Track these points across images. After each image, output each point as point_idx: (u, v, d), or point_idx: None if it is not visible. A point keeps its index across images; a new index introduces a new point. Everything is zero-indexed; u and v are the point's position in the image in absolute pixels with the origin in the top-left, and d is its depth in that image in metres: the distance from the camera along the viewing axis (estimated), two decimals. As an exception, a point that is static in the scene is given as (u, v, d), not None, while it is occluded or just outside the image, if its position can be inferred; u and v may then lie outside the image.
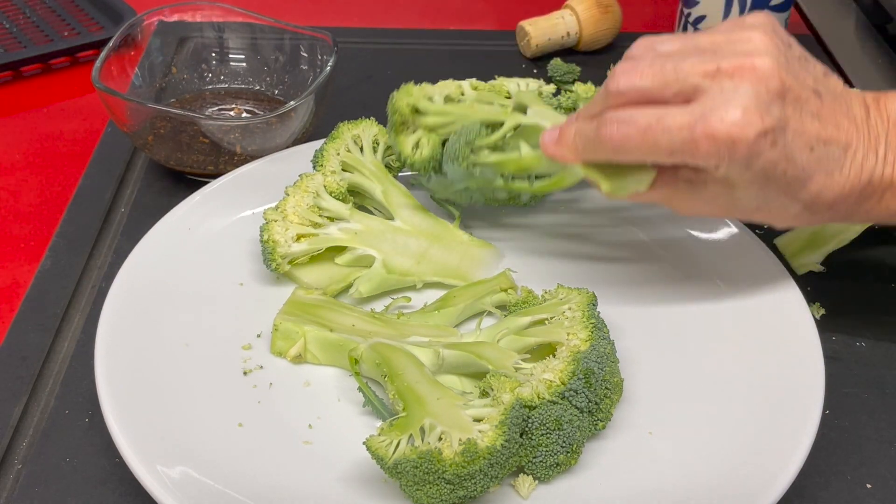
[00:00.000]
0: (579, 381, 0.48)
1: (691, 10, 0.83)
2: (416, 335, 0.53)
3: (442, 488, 0.44)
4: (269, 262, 0.57)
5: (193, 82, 0.77)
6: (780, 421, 0.49)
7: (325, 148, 0.62)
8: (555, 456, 0.46)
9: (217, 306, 0.57)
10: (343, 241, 0.59)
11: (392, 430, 0.45)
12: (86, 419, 0.53)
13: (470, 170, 0.56)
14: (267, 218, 0.58)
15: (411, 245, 0.60)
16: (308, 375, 0.54)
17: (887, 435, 0.54)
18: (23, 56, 0.83)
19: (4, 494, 0.49)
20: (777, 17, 0.80)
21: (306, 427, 0.51)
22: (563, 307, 0.52)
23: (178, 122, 0.67)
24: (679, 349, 0.55)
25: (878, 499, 0.51)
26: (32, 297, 0.60)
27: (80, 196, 0.69)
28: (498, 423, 0.45)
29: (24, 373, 0.55)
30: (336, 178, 0.60)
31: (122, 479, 0.49)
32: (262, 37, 0.77)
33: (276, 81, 0.77)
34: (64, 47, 0.84)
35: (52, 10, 0.90)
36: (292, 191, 0.59)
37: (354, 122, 0.63)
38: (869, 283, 0.64)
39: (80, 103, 0.81)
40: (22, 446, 0.51)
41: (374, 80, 0.84)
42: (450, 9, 0.98)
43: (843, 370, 0.58)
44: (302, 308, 0.55)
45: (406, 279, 0.59)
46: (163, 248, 0.58)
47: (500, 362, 0.50)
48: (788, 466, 0.46)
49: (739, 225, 0.62)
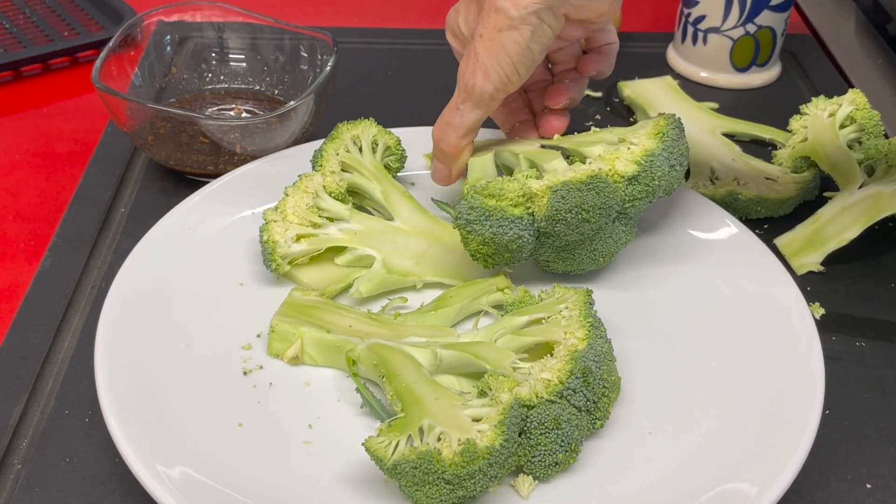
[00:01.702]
0: (577, 380, 0.48)
1: (691, 10, 0.83)
2: (413, 335, 0.53)
3: (441, 488, 0.44)
4: (269, 262, 0.57)
5: (193, 82, 0.77)
6: (780, 421, 0.49)
7: (325, 148, 0.62)
8: (553, 455, 0.46)
9: (217, 306, 0.57)
10: (343, 242, 0.59)
11: (391, 431, 0.46)
12: (86, 419, 0.53)
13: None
14: (266, 218, 0.58)
15: (411, 245, 0.60)
16: (308, 376, 0.54)
17: (887, 435, 0.54)
18: (21, 56, 0.83)
19: (4, 494, 0.49)
20: (777, 17, 0.80)
21: (306, 427, 0.51)
22: (560, 306, 0.52)
23: (178, 122, 0.67)
24: (678, 349, 0.55)
25: (878, 499, 0.51)
26: (32, 297, 0.60)
27: (80, 196, 0.69)
28: (497, 422, 0.45)
29: (24, 373, 0.55)
30: (335, 179, 0.60)
31: (122, 479, 0.49)
32: (262, 37, 0.77)
33: (276, 81, 0.77)
34: (64, 47, 0.84)
35: (51, 10, 0.90)
36: (292, 191, 0.59)
37: (354, 123, 0.63)
38: (869, 283, 0.64)
39: (80, 103, 0.81)
40: (22, 446, 0.51)
41: (374, 80, 0.84)
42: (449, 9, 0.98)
43: (843, 370, 0.58)
44: (298, 309, 0.55)
45: (406, 279, 0.59)
46: (163, 248, 0.58)
47: (498, 362, 0.50)
48: (788, 466, 0.46)
49: (739, 225, 0.62)
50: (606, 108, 0.81)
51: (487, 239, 0.54)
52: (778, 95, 0.84)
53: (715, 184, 0.69)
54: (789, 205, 0.68)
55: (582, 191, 0.53)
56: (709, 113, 0.77)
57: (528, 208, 0.54)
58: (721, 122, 0.76)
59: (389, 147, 0.64)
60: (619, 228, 0.58)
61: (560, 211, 0.53)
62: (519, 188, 0.54)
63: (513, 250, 0.55)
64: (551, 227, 0.54)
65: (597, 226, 0.55)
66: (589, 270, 0.59)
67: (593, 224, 0.54)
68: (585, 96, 0.82)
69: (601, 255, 0.58)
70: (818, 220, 0.64)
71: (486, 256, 0.56)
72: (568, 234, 0.55)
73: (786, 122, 0.71)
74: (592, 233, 0.56)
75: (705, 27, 0.82)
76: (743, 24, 0.80)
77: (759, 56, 0.83)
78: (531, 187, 0.54)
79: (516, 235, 0.54)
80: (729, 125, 0.76)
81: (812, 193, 0.70)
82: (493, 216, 0.54)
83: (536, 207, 0.54)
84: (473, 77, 0.54)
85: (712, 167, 0.71)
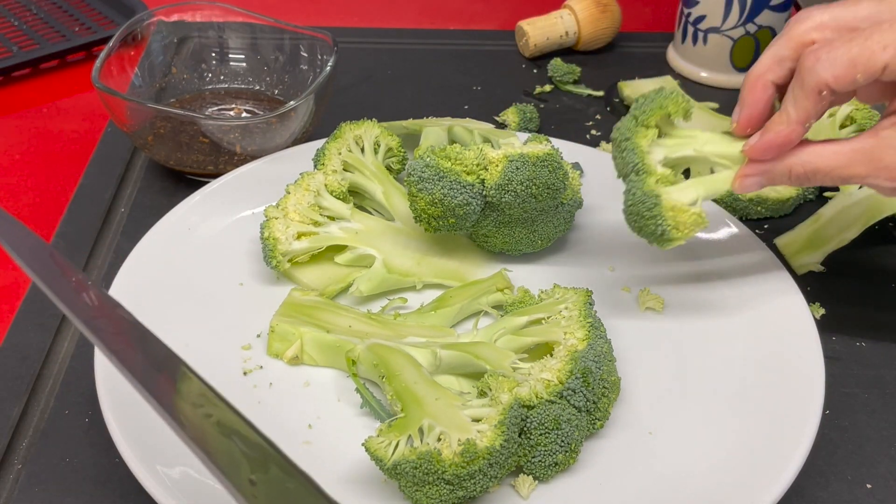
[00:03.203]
0: (577, 381, 0.48)
1: (691, 10, 0.83)
2: (412, 336, 0.53)
3: (441, 489, 0.44)
4: (270, 259, 0.57)
5: (193, 82, 0.77)
6: (781, 421, 0.49)
7: (327, 147, 0.62)
8: (553, 455, 0.46)
9: (217, 306, 0.57)
10: (344, 240, 0.59)
11: (391, 431, 0.45)
12: (86, 419, 0.53)
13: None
14: (268, 215, 0.58)
15: (412, 246, 0.60)
16: (308, 376, 0.54)
17: (887, 435, 0.54)
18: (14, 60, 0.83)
19: (4, 494, 0.49)
20: (777, 17, 0.80)
21: (306, 427, 0.51)
22: (560, 306, 0.52)
23: (178, 122, 0.67)
24: (677, 349, 0.55)
25: (878, 499, 0.51)
26: (32, 297, 0.60)
27: (80, 196, 0.69)
28: (496, 423, 0.45)
29: (24, 373, 0.55)
30: (337, 178, 0.60)
31: (122, 479, 0.49)
32: (262, 37, 0.77)
33: (276, 81, 0.77)
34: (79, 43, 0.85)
35: (60, 8, 0.90)
36: (293, 189, 0.60)
37: (356, 123, 0.63)
38: (869, 283, 0.64)
39: (80, 103, 0.81)
40: (22, 446, 0.51)
41: (374, 80, 0.84)
42: (449, 9, 0.98)
43: (843, 370, 0.58)
44: (298, 309, 0.55)
45: (406, 279, 0.59)
46: (163, 248, 0.58)
47: (498, 362, 0.50)
48: (788, 466, 0.46)
49: (739, 225, 0.62)
50: (607, 107, 0.81)
51: (437, 199, 0.55)
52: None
53: (715, 184, 0.69)
54: (789, 205, 0.68)
55: (537, 165, 0.55)
56: (709, 113, 0.77)
57: (479, 177, 0.56)
58: (721, 122, 0.76)
59: (391, 148, 0.64)
60: (561, 216, 0.59)
61: (512, 181, 0.55)
62: (475, 157, 0.56)
63: (459, 216, 0.56)
64: (500, 196, 0.55)
65: (543, 205, 0.56)
66: (524, 253, 0.61)
67: (540, 202, 0.56)
68: (586, 96, 0.83)
69: (539, 238, 0.59)
70: (818, 220, 0.64)
71: (431, 218, 0.56)
72: (513, 208, 0.56)
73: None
74: (536, 213, 0.57)
75: (705, 27, 0.82)
76: (743, 24, 0.80)
77: (759, 56, 0.83)
78: (487, 155, 0.56)
79: (465, 201, 0.55)
80: (729, 125, 0.76)
81: (812, 193, 0.70)
82: (446, 177, 0.55)
83: (489, 175, 0.55)
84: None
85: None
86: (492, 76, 0.85)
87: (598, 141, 0.77)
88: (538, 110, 0.79)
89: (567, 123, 0.79)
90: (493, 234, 0.59)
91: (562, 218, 0.60)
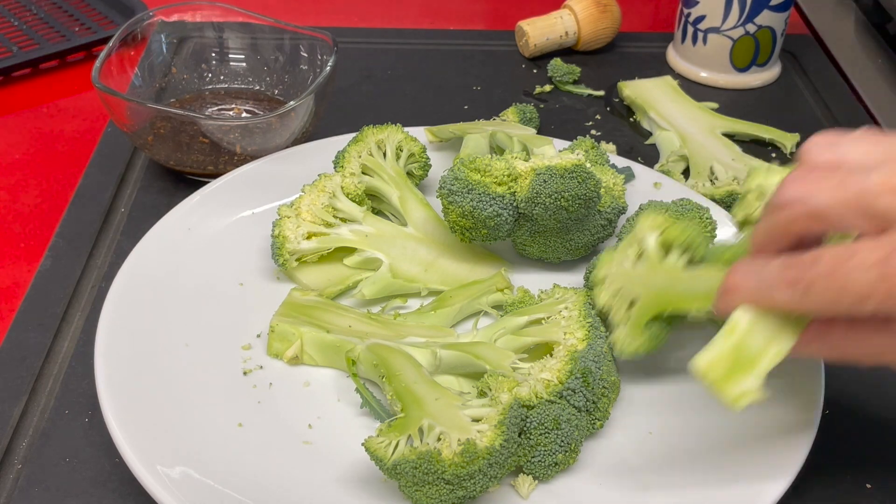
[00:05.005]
0: (577, 381, 0.48)
1: (691, 10, 0.83)
2: (412, 336, 0.53)
3: (441, 489, 0.44)
4: (277, 256, 0.57)
5: (193, 82, 0.77)
6: (780, 421, 0.49)
7: (348, 150, 0.62)
8: (553, 455, 0.46)
9: (217, 306, 0.57)
10: (352, 243, 0.59)
11: (391, 431, 0.46)
12: (86, 419, 0.53)
13: None
14: (280, 214, 0.58)
15: (421, 252, 0.60)
16: (308, 375, 0.54)
17: (887, 435, 0.54)
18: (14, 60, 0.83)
19: (4, 494, 0.49)
20: (777, 17, 0.80)
21: (306, 427, 0.51)
22: (560, 306, 0.52)
23: (178, 122, 0.67)
24: (677, 349, 0.55)
25: (878, 499, 0.51)
26: (32, 297, 0.60)
27: (80, 196, 0.69)
28: (496, 422, 0.45)
29: (24, 373, 0.55)
30: (354, 181, 0.61)
31: (122, 479, 0.49)
32: (262, 37, 0.77)
33: (276, 81, 0.77)
34: (79, 43, 0.85)
35: (60, 8, 0.90)
36: (309, 189, 0.60)
37: (380, 127, 0.64)
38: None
39: (80, 103, 0.81)
40: (22, 446, 0.51)
41: (374, 80, 0.84)
42: (449, 9, 0.98)
43: (843, 370, 0.57)
44: (298, 309, 0.55)
45: (411, 285, 0.58)
46: (163, 248, 0.58)
47: (498, 362, 0.50)
48: (788, 466, 0.46)
49: (739, 225, 0.62)
50: (606, 108, 0.81)
51: (467, 212, 0.55)
52: (778, 95, 0.84)
53: (715, 184, 0.69)
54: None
55: (564, 177, 0.54)
56: (709, 113, 0.77)
57: (510, 188, 0.56)
58: (721, 122, 0.76)
59: (414, 154, 0.64)
60: (598, 224, 0.59)
61: (540, 194, 0.54)
62: (505, 167, 0.55)
63: (490, 227, 0.56)
64: (530, 209, 0.55)
65: (574, 215, 0.56)
66: (564, 261, 0.60)
67: (571, 213, 0.55)
68: (586, 96, 0.83)
69: (576, 247, 0.59)
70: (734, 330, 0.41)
71: (464, 230, 0.56)
72: (545, 219, 0.56)
73: (786, 122, 0.71)
74: (570, 222, 0.57)
75: (705, 27, 0.82)
76: (743, 24, 0.80)
77: (759, 56, 0.83)
78: (517, 168, 0.56)
79: (495, 213, 0.55)
80: (729, 125, 0.76)
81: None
82: (475, 190, 0.55)
83: (519, 188, 0.55)
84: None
85: (712, 167, 0.71)
86: (492, 76, 0.85)
87: (599, 141, 0.77)
88: (538, 110, 0.79)
89: (567, 123, 0.79)
90: (530, 243, 0.59)
91: (599, 226, 0.59)
